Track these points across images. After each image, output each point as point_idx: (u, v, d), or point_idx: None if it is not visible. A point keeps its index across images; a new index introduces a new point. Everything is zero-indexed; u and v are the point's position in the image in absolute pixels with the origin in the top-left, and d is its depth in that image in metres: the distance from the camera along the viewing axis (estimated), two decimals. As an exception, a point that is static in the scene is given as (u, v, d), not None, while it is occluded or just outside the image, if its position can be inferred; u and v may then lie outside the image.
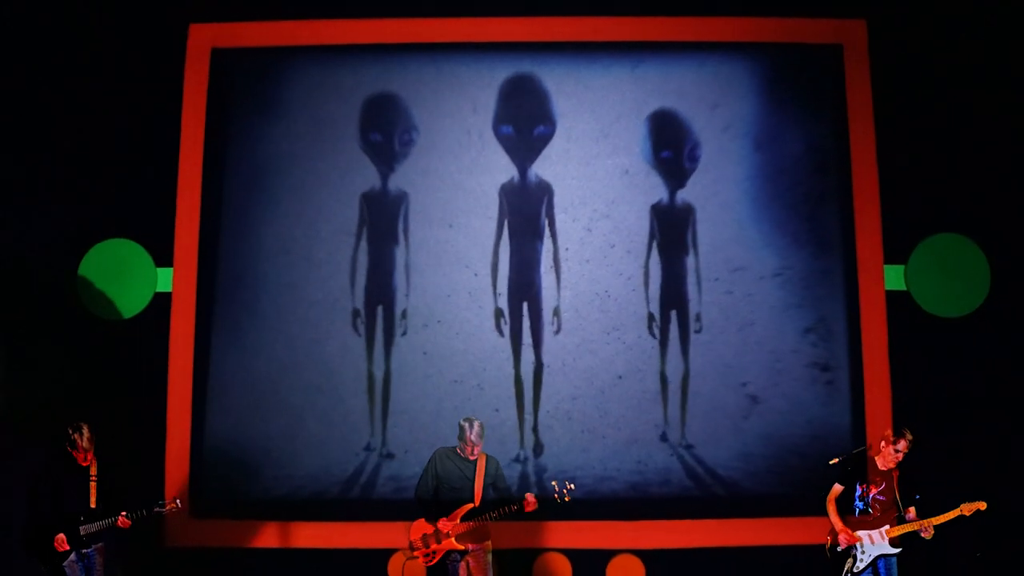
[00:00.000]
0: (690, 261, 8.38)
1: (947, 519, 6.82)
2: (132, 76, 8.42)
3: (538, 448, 8.26)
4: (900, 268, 8.32)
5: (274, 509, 8.21)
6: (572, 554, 8.13)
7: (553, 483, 7.33)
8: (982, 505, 6.80)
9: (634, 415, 8.26)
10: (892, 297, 8.29)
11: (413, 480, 7.58)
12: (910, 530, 6.86)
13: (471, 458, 7.24)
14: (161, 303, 8.38)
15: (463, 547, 7.18)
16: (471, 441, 7.17)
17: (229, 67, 8.54)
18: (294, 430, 8.28)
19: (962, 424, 8.07)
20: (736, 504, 8.18)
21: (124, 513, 7.03)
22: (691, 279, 8.36)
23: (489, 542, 7.27)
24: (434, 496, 7.26)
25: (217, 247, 8.43)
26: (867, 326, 8.27)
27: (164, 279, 8.40)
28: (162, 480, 8.18)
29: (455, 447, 7.32)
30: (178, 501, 7.30)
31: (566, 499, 7.22)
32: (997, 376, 8.13)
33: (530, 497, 7.12)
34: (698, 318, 8.32)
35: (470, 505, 7.20)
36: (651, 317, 8.33)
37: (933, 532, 6.83)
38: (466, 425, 7.23)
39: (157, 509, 7.15)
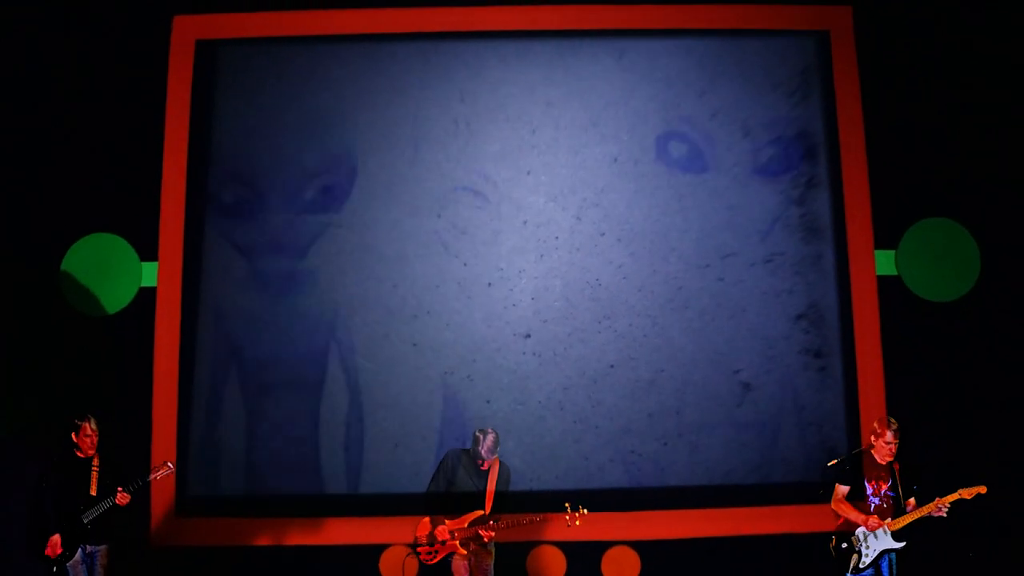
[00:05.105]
0: (685, 248, 8.30)
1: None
2: (116, 69, 8.37)
3: (531, 439, 8.16)
4: (891, 253, 8.29)
5: (262, 506, 8.09)
6: (566, 547, 8.01)
7: (567, 504, 7.25)
8: (982, 489, 6.74)
9: (627, 404, 8.17)
10: (883, 282, 8.25)
11: (403, 475, 7.56)
12: (911, 520, 6.81)
13: (484, 468, 7.19)
14: (146, 298, 8.27)
15: (465, 552, 7.13)
16: (484, 454, 7.11)
17: (214, 59, 8.47)
18: (281, 426, 8.18)
19: (956, 408, 8.06)
20: (730, 493, 8.09)
21: (120, 489, 6.94)
22: (688, 267, 8.28)
23: (492, 547, 7.24)
24: (444, 493, 7.21)
25: (202, 241, 8.34)
26: (859, 311, 8.23)
27: (149, 274, 8.29)
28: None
29: (467, 449, 7.28)
30: (169, 464, 7.21)
31: (578, 522, 7.16)
32: (989, 359, 8.11)
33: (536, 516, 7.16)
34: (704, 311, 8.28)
35: (479, 512, 7.14)
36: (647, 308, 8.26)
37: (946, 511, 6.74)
38: (480, 436, 7.15)
39: (151, 476, 7.12)
